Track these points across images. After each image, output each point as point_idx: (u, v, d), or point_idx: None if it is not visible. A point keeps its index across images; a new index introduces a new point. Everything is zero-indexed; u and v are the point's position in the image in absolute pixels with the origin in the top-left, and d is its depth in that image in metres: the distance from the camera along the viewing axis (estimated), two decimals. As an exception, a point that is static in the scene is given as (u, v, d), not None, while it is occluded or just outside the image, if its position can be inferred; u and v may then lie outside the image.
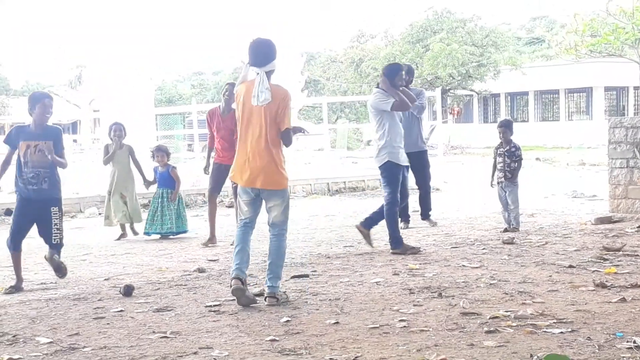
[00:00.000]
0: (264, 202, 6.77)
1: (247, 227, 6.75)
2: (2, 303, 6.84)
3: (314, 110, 46.68)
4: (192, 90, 65.02)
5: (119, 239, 11.12)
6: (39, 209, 7.60)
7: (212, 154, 10.30)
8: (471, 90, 43.50)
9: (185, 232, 11.25)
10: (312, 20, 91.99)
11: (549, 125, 43.83)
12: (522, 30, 68.42)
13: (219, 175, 10.12)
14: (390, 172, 9.10)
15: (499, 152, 10.61)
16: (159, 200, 11.11)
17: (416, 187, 11.69)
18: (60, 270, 7.73)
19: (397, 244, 8.94)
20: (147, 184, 11.27)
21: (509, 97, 47.07)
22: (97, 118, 22.75)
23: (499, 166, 10.56)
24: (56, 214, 7.65)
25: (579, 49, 29.32)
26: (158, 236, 11.09)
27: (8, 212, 13.86)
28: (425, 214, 11.47)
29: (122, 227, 11.32)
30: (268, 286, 6.57)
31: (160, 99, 52.57)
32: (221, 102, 10.25)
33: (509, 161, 10.40)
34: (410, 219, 11.15)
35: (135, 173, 11.41)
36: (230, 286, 6.51)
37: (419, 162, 11.11)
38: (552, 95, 45.69)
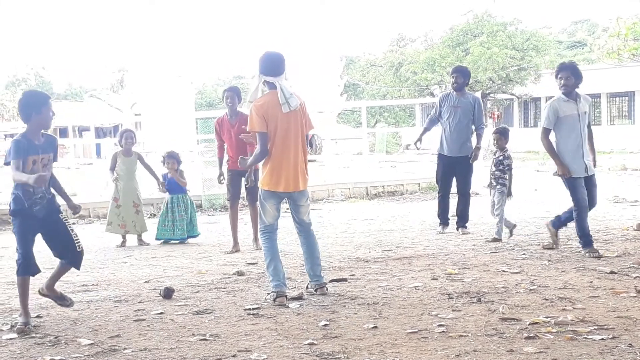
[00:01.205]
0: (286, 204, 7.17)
1: (274, 233, 7.06)
2: (44, 305, 6.93)
3: (353, 114, 46.70)
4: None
5: (121, 245, 10.97)
6: (43, 221, 6.46)
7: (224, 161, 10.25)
8: (511, 94, 43.19)
9: (196, 236, 11.25)
10: (351, 24, 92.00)
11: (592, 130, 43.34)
12: (563, 34, 67.85)
13: (236, 182, 10.09)
14: (566, 182, 9.06)
15: (492, 159, 10.45)
16: (170, 206, 11.11)
17: (457, 192, 11.43)
18: (64, 299, 6.64)
19: (587, 244, 8.79)
20: (162, 185, 11.20)
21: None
22: (138, 122, 22.93)
23: (490, 173, 10.39)
24: (65, 219, 6.70)
25: (622, 52, 28.96)
26: (174, 241, 11.09)
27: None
28: (462, 223, 11.00)
29: (123, 235, 11.15)
30: (317, 279, 7.11)
31: (201, 103, 52.94)
32: (226, 110, 10.19)
33: (495, 169, 10.22)
34: (449, 222, 11.04)
35: (140, 180, 11.36)
36: (274, 301, 6.72)
37: (463, 167, 10.92)
38: (594, 100, 45.12)
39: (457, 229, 10.90)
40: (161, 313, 6.42)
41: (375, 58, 52.23)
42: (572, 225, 11.51)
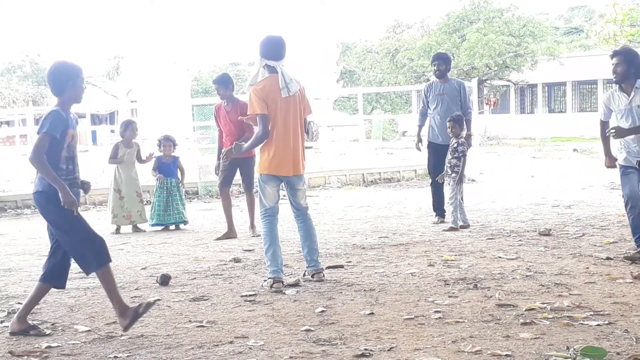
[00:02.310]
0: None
1: (274, 217, 7.05)
2: (41, 291, 6.92)
3: (350, 100, 46.64)
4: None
5: (115, 233, 10.91)
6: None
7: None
8: (508, 80, 43.17)
9: (185, 223, 11.24)
10: (348, 11, 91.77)
11: (587, 116, 43.29)
12: (560, 20, 67.78)
13: (229, 169, 10.06)
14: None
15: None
16: (164, 190, 11.09)
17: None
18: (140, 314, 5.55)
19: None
20: (149, 157, 11.22)
21: (546, 88, 46.65)
22: (134, 109, 22.89)
23: (446, 161, 10.29)
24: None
25: (618, 38, 28.93)
26: (160, 227, 11.11)
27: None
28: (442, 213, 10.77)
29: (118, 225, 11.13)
30: (314, 264, 7.13)
31: (197, 90, 52.84)
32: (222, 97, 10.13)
33: (450, 157, 10.14)
34: (445, 213, 10.77)
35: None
36: (271, 287, 6.74)
37: None
38: (590, 86, 45.21)
39: (435, 216, 10.71)
40: (158, 300, 6.42)
41: (371, 45, 52.19)
42: (566, 212, 11.56)
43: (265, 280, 6.89)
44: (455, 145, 10.05)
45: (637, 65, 7.47)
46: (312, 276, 7.08)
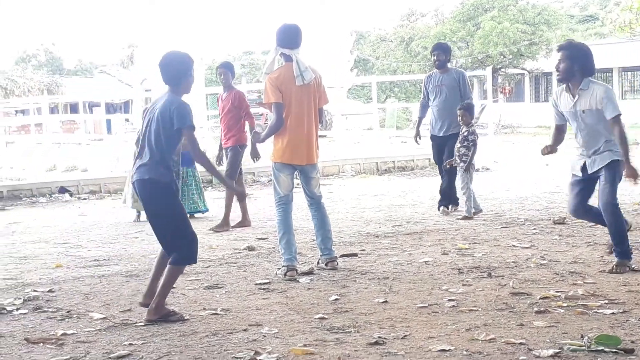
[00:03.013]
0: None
1: (288, 205, 7.03)
2: (56, 279, 6.97)
3: (363, 89, 46.57)
4: (242, 69, 65.26)
5: (137, 219, 10.84)
6: None
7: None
8: (522, 69, 42.96)
9: (202, 212, 11.24)
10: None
11: (602, 105, 43.07)
12: (575, 8, 67.32)
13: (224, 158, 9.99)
14: None
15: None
16: (179, 179, 11.06)
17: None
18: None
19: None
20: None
21: (561, 76, 46.32)
22: (148, 97, 22.92)
23: (455, 150, 10.20)
24: None
25: (634, 26, 28.73)
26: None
27: (62, 190, 14.12)
28: (444, 202, 10.53)
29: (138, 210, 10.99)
30: (328, 252, 7.15)
31: (211, 79, 52.84)
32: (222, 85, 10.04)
33: (460, 145, 10.05)
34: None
35: None
36: (285, 275, 6.76)
37: (452, 143, 10.34)
38: (605, 74, 44.90)
39: (439, 208, 10.49)
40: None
41: (385, 33, 52.01)
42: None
43: (279, 269, 6.91)
44: (465, 134, 9.99)
45: (583, 63, 6.67)
46: (326, 264, 7.09)
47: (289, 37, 6.95)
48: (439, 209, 10.45)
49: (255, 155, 9.52)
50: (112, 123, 34.14)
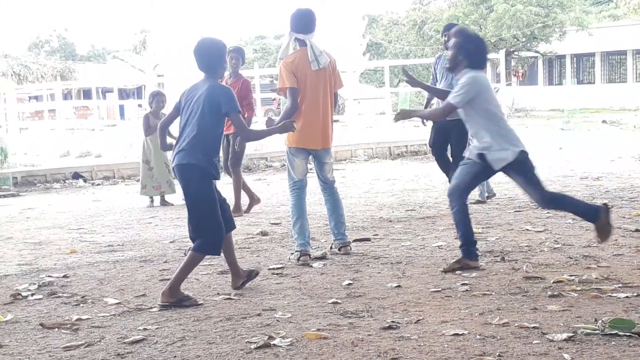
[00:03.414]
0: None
1: (302, 190, 7.02)
2: (71, 265, 7.01)
3: (376, 73, 46.46)
4: (254, 54, 65.18)
5: (151, 205, 11.00)
6: None
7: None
8: (536, 51, 42.75)
9: None
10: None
11: (616, 87, 42.91)
12: (589, -10, 66.78)
13: (227, 147, 9.88)
14: None
15: None
16: None
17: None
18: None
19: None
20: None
21: (574, 59, 46.18)
22: (161, 83, 22.94)
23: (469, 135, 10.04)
24: None
25: (648, 8, 28.53)
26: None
27: (76, 176, 14.17)
28: None
29: (151, 197, 11.16)
30: (341, 237, 7.16)
31: (223, 64, 52.75)
32: (228, 70, 9.85)
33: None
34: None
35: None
36: (298, 260, 6.76)
37: (459, 132, 9.67)
38: (619, 57, 44.67)
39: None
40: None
41: (398, 17, 51.81)
42: (594, 184, 11.46)
43: (292, 254, 6.92)
44: None
45: (469, 55, 6.30)
46: (339, 249, 7.09)
47: (303, 22, 6.92)
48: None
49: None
50: (125, 109, 34.21)
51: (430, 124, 10.36)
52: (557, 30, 39.95)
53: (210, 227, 5.53)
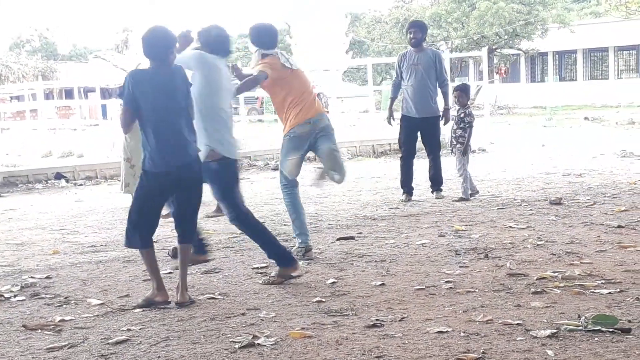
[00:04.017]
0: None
1: (297, 185, 7.04)
2: (53, 266, 6.97)
3: (359, 71, 46.45)
4: (237, 53, 65.03)
5: None
6: None
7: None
8: (518, 49, 42.87)
9: None
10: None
11: (598, 84, 43.13)
12: (570, -13, 67.05)
13: None
14: None
15: (452, 116, 10.27)
16: None
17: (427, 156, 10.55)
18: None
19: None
20: None
21: (557, 56, 46.37)
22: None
23: (451, 131, 10.17)
24: None
25: (629, 5, 28.68)
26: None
27: (58, 176, 14.10)
28: (436, 187, 10.31)
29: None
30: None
31: (206, 62, 52.56)
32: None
33: (456, 127, 9.96)
34: (413, 191, 10.30)
35: None
36: (304, 256, 6.77)
37: (430, 128, 10.18)
38: (601, 54, 44.90)
39: (432, 192, 10.28)
40: (170, 273, 6.45)
41: (380, 14, 51.79)
42: (577, 180, 11.52)
43: (296, 249, 6.84)
44: (461, 115, 9.95)
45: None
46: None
47: (271, 39, 6.86)
48: (432, 193, 10.31)
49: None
50: (107, 108, 34.05)
51: (397, 121, 10.37)
52: (539, 28, 40.07)
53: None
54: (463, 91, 10.00)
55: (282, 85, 6.79)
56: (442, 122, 10.23)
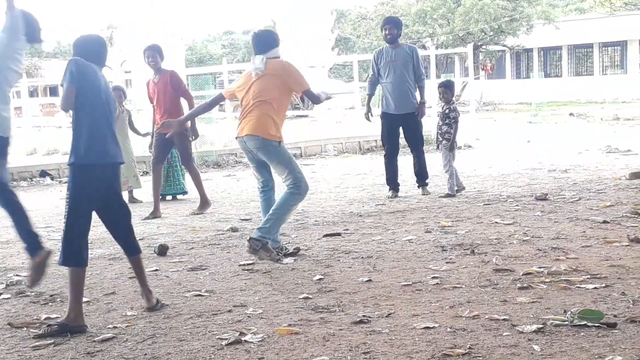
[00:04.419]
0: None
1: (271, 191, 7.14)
2: (39, 263, 6.93)
3: (345, 68, 46.44)
4: (222, 50, 64.97)
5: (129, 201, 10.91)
6: None
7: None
8: (504, 45, 42.98)
9: (185, 193, 11.26)
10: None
11: (583, 80, 43.29)
12: (555, -16, 67.29)
13: (163, 145, 9.56)
14: None
15: (438, 112, 10.35)
16: (165, 161, 11.09)
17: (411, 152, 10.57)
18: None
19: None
20: (145, 135, 11.23)
21: (542, 52, 46.51)
22: (128, 79, 22.79)
23: (437, 128, 10.24)
24: None
25: (614, 1, 28.79)
26: (169, 196, 11.12)
27: (43, 174, 14.04)
28: (421, 182, 10.33)
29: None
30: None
31: (191, 59, 52.56)
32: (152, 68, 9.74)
33: (441, 123, 10.03)
34: (399, 187, 10.33)
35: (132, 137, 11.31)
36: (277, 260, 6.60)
37: (411, 124, 10.19)
38: (585, 50, 45.05)
39: (418, 187, 10.31)
40: (156, 270, 6.44)
41: (366, 11, 51.82)
42: (562, 176, 11.56)
43: (277, 254, 6.70)
44: (446, 111, 9.97)
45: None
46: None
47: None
48: (419, 188, 10.34)
49: (194, 134, 9.55)
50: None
51: (376, 118, 10.35)
52: (524, 24, 40.18)
53: None
54: (447, 87, 10.03)
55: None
56: (418, 117, 10.13)
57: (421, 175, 10.33)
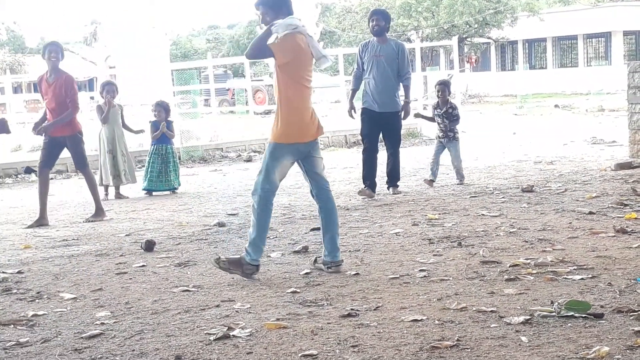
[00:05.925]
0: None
1: (273, 197, 6.10)
2: (25, 260, 6.91)
3: (330, 62, 46.34)
4: (207, 44, 64.79)
5: (105, 199, 10.80)
6: None
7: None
8: (488, 38, 43.07)
9: (176, 188, 11.26)
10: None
11: (568, 72, 43.43)
12: (539, -24, 67.39)
13: (51, 148, 9.19)
14: None
15: (436, 112, 10.42)
16: (158, 156, 11.08)
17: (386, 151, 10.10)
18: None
19: None
20: (138, 132, 11.50)
21: (526, 44, 46.62)
22: (113, 75, 22.70)
23: (440, 126, 10.38)
24: None
25: (598, -7, 28.88)
26: (158, 192, 11.11)
27: (28, 170, 13.97)
28: (392, 182, 10.01)
29: (106, 188, 11.05)
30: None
31: (176, 54, 52.42)
32: (47, 66, 9.19)
33: (448, 122, 10.34)
34: (376, 185, 9.92)
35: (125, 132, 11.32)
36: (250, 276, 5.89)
37: (392, 124, 9.81)
38: (570, 41, 45.19)
39: (388, 188, 9.96)
40: (143, 266, 6.42)
41: (351, 4, 51.75)
42: (548, 168, 11.60)
43: (245, 267, 5.91)
44: (450, 110, 10.37)
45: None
46: (328, 267, 6.01)
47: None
48: (388, 189, 9.98)
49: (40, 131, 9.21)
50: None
51: (358, 114, 10.05)
52: (508, 16, 40.27)
53: None
54: (446, 86, 10.41)
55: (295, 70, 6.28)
56: (402, 118, 9.83)
57: (393, 176, 9.99)
